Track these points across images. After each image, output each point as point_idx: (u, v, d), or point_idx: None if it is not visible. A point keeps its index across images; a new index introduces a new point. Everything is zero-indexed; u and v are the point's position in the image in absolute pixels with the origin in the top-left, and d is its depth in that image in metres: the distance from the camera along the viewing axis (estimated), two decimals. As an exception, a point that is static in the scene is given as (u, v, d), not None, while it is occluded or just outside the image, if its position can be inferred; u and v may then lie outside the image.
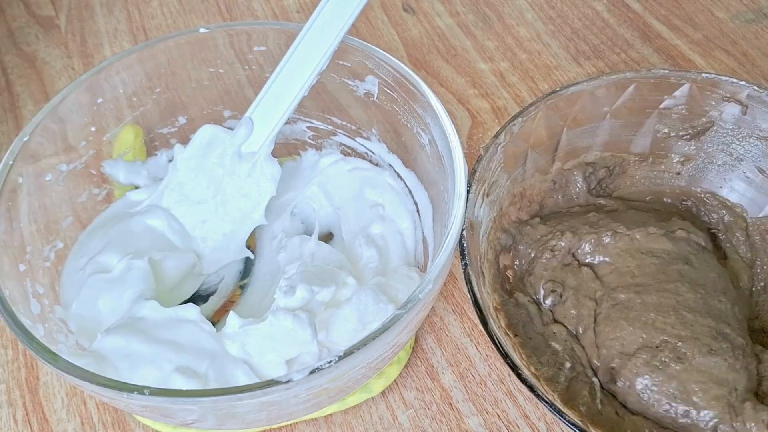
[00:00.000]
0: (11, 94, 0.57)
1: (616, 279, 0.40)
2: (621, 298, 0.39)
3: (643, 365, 0.37)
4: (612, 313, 0.39)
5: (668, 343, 0.37)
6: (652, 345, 0.37)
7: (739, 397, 0.36)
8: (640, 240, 0.41)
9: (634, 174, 0.47)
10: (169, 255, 0.41)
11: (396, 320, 0.31)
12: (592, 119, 0.45)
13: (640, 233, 0.41)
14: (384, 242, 0.42)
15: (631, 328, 0.38)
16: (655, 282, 0.39)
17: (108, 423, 0.40)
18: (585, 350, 0.39)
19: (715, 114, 0.44)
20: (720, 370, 0.36)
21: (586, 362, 0.39)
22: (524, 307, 0.40)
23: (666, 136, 0.45)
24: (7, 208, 0.37)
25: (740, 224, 0.44)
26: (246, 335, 0.36)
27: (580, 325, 0.39)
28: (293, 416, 0.36)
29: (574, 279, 0.41)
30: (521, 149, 0.43)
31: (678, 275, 0.40)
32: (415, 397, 0.41)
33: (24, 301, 0.36)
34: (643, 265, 0.40)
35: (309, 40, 0.41)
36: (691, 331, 0.37)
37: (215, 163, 0.43)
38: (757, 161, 0.44)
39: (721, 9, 0.62)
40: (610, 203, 0.46)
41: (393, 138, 0.45)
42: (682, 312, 0.38)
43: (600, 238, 0.42)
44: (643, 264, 0.40)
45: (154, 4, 0.64)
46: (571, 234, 0.42)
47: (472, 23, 0.62)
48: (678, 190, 0.46)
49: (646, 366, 0.37)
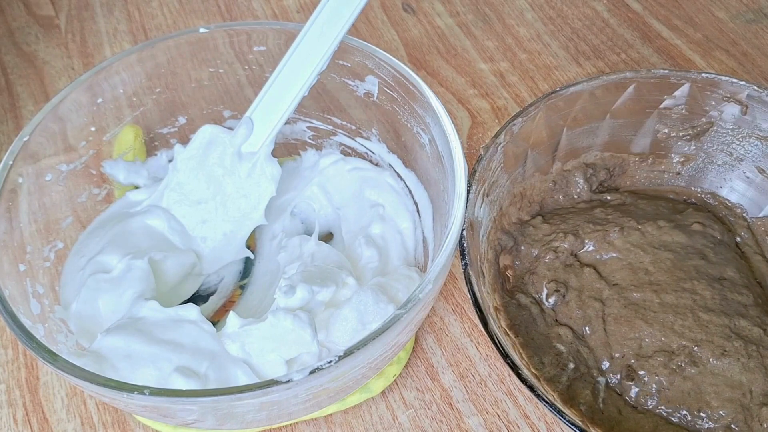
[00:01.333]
0: (11, 94, 0.57)
1: (628, 276, 0.40)
2: (635, 297, 0.39)
3: (661, 367, 0.37)
4: (626, 312, 0.39)
5: (685, 348, 0.37)
6: (670, 349, 0.38)
7: (754, 399, 0.36)
8: (652, 233, 0.41)
9: (634, 174, 0.47)
10: (169, 255, 0.41)
11: (396, 320, 0.31)
12: (592, 119, 0.45)
13: (651, 226, 0.41)
14: (384, 242, 0.42)
15: (650, 330, 0.38)
16: (672, 280, 0.39)
17: (108, 423, 0.40)
18: (592, 351, 0.39)
19: (715, 114, 0.44)
20: (733, 372, 0.36)
21: (593, 363, 0.38)
22: (527, 309, 0.40)
23: (666, 136, 0.45)
24: (7, 208, 0.37)
25: (741, 224, 0.44)
26: (246, 335, 0.36)
27: (586, 325, 0.39)
28: (293, 416, 0.36)
29: (577, 280, 0.41)
30: (521, 149, 0.43)
31: (695, 271, 0.40)
32: (415, 397, 0.41)
33: (24, 301, 0.36)
34: (658, 260, 0.40)
35: (309, 40, 0.41)
36: (706, 334, 0.37)
37: (215, 163, 0.43)
38: (757, 161, 0.44)
39: (721, 9, 0.62)
40: (617, 197, 0.45)
41: (393, 138, 0.45)
42: (699, 313, 0.38)
43: (606, 235, 0.41)
44: (658, 259, 0.40)
45: (154, 4, 0.64)
46: (573, 236, 0.42)
47: (472, 23, 0.62)
48: (678, 190, 0.46)
49: (663, 368, 0.37)
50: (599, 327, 0.39)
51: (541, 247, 0.42)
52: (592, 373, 0.38)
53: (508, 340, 0.37)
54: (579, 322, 0.40)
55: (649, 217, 0.43)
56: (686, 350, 0.37)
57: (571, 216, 0.44)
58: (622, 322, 0.39)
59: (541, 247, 0.42)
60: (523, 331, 0.39)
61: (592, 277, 0.41)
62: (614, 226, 0.42)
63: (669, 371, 0.37)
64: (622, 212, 0.43)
